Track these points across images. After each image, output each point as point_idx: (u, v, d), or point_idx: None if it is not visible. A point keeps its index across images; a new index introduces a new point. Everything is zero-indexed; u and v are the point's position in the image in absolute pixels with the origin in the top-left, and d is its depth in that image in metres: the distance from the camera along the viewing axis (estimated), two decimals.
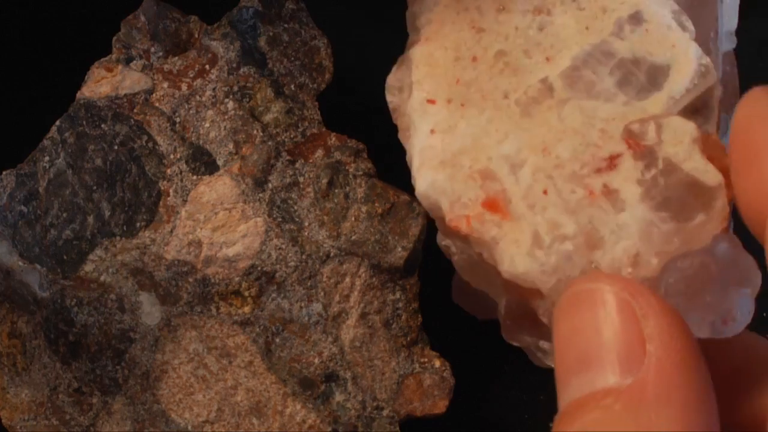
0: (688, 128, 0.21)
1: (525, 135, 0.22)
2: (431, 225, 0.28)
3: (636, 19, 0.22)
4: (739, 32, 0.25)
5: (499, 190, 0.22)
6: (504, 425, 0.31)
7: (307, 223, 0.28)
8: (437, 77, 0.23)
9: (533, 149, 0.22)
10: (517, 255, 0.21)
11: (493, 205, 0.22)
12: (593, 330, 0.19)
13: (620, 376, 0.18)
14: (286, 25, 0.28)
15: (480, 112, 0.22)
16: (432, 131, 0.22)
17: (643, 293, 0.19)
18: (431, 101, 0.23)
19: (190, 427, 0.27)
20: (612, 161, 0.21)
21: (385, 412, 0.28)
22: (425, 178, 0.22)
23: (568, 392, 0.19)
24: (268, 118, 0.28)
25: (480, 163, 0.22)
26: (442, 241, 0.23)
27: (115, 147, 0.27)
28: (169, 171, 0.28)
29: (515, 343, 0.25)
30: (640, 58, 0.22)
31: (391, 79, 0.24)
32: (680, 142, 0.21)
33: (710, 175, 0.21)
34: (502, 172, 0.22)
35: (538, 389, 0.31)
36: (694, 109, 0.22)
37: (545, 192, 0.21)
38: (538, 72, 0.22)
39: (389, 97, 0.24)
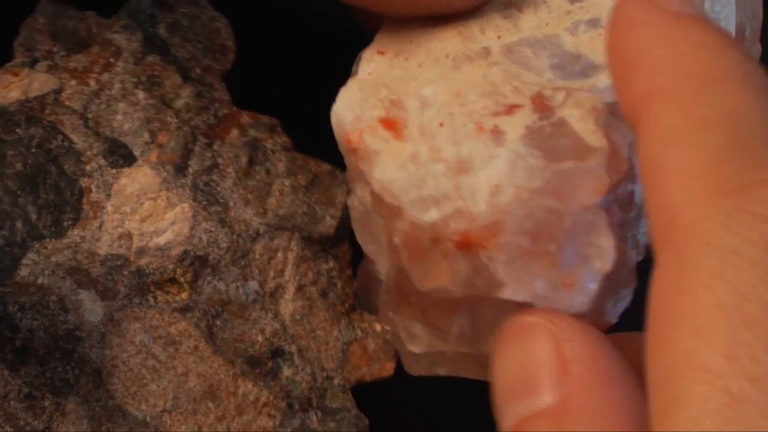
0: (592, 99, 0.28)
1: (446, 82, 0.30)
2: None
3: (593, 22, 0.31)
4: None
5: (401, 117, 0.30)
6: (453, 381, 0.41)
7: (232, 203, 0.37)
8: (395, 37, 0.32)
9: (447, 93, 0.30)
10: (390, 165, 0.29)
11: (389, 123, 0.30)
12: (523, 359, 0.26)
13: (548, 398, 0.25)
14: (183, 10, 0.38)
15: (419, 64, 0.31)
16: (369, 74, 0.32)
17: (565, 318, 0.26)
18: (381, 52, 0.32)
19: (148, 418, 0.36)
20: (511, 109, 0.29)
21: (336, 381, 0.37)
22: (341, 99, 0.31)
23: (505, 420, 0.26)
24: (179, 104, 0.37)
25: (395, 95, 0.31)
26: (349, 200, 0.32)
27: (33, 150, 0.36)
28: (88, 167, 0.37)
29: (386, 326, 0.34)
30: (582, 54, 0.30)
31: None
32: (580, 107, 0.28)
33: (595, 138, 0.27)
34: (412, 105, 0.30)
35: None
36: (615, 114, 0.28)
37: (441, 125, 0.29)
38: (484, 43, 0.31)
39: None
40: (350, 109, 0.31)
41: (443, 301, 0.30)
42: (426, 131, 0.30)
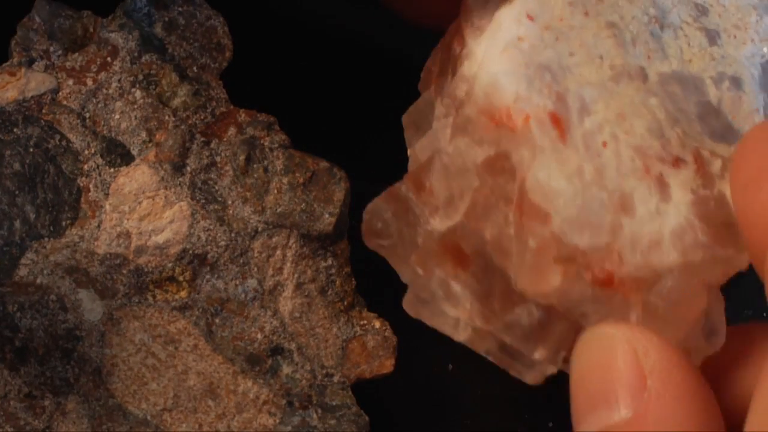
0: None
1: (606, 94, 0.29)
2: (354, 188, 0.38)
3: (737, 82, 0.31)
4: None
5: (566, 117, 0.28)
6: (453, 377, 0.41)
7: (230, 202, 0.37)
8: (543, 5, 0.30)
9: (609, 109, 0.29)
10: (556, 172, 0.28)
11: (557, 121, 0.28)
12: (602, 371, 0.27)
13: (625, 412, 0.26)
14: (180, 9, 0.38)
15: (570, 53, 0.30)
16: (520, 38, 0.29)
17: (644, 332, 0.27)
18: (530, 17, 0.30)
19: (149, 417, 0.36)
20: (677, 162, 0.29)
21: (335, 378, 0.37)
22: (502, 64, 0.29)
23: (582, 429, 0.27)
24: (176, 102, 0.38)
25: (558, 86, 0.29)
26: (428, 139, 0.30)
27: (31, 149, 0.36)
28: (85, 167, 0.37)
29: (418, 269, 0.32)
30: (722, 112, 0.30)
31: None
32: None
33: None
34: (573, 106, 0.29)
35: None
36: None
37: (605, 145, 0.29)
38: (639, 60, 0.30)
39: (472, 3, 0.30)
40: (516, 82, 0.29)
41: (520, 294, 0.30)
42: (590, 146, 0.29)
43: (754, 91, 0.31)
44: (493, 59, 0.29)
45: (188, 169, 0.37)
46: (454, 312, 0.31)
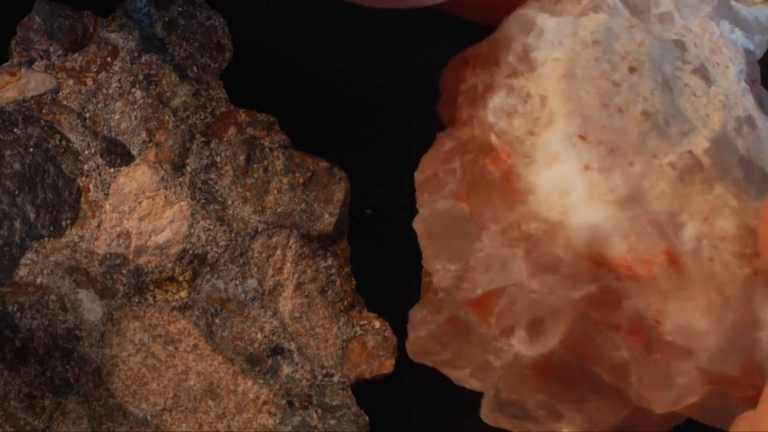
0: None
1: (683, 198, 0.30)
2: (354, 188, 0.38)
3: (751, 123, 0.31)
4: None
5: (670, 245, 0.29)
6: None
7: (230, 202, 0.37)
8: (585, 117, 0.30)
9: (693, 215, 0.30)
10: (692, 312, 0.29)
11: (672, 258, 0.29)
12: None
13: None
14: (180, 9, 0.38)
15: (630, 164, 0.30)
16: (586, 167, 0.30)
17: None
18: (582, 137, 0.30)
19: (149, 417, 0.36)
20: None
21: (335, 378, 0.38)
22: (597, 212, 0.29)
23: None
24: (176, 102, 0.38)
25: (648, 213, 0.29)
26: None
27: (31, 149, 0.36)
28: (86, 167, 0.37)
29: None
30: (753, 159, 0.31)
31: (500, 103, 0.31)
32: None
33: None
34: (670, 229, 0.29)
35: None
36: None
37: (711, 260, 0.29)
38: (682, 144, 0.31)
39: (494, 120, 0.31)
40: (619, 232, 0.30)
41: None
42: (702, 268, 0.30)
43: (762, 119, 0.32)
44: (579, 206, 0.30)
45: (188, 169, 0.37)
46: (566, 428, 0.32)
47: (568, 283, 0.30)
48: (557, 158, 0.30)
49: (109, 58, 0.37)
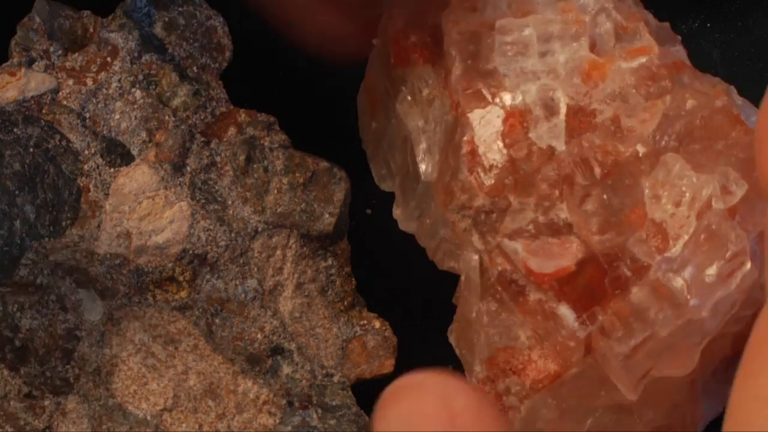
0: None
1: None
2: (354, 188, 0.38)
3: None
4: (740, 32, 0.37)
5: None
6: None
7: (230, 202, 0.37)
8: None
9: None
10: None
11: None
12: (413, 414, 0.27)
13: None
14: (180, 9, 0.38)
15: None
16: None
17: (452, 377, 0.27)
18: None
19: (149, 417, 0.36)
20: None
21: (335, 378, 0.38)
22: None
23: None
24: (176, 102, 0.38)
25: None
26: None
27: (31, 149, 0.36)
28: (86, 167, 0.37)
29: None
30: None
31: None
32: None
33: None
34: None
35: None
36: None
37: None
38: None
39: None
40: None
41: None
42: None
43: None
44: None
45: (188, 169, 0.37)
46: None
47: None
48: None
49: (109, 58, 0.38)
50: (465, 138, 0.32)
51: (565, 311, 0.31)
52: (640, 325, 0.30)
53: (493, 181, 0.32)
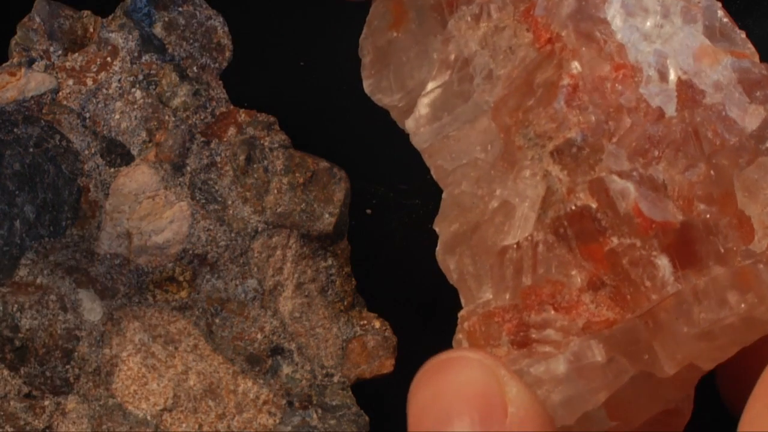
0: None
1: None
2: (354, 188, 0.38)
3: None
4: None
5: None
6: None
7: (230, 201, 0.37)
8: None
9: None
10: None
11: None
12: (455, 389, 0.26)
13: (480, 427, 0.26)
14: (180, 9, 0.38)
15: None
16: None
17: (505, 364, 0.27)
18: None
19: (149, 417, 0.36)
20: None
21: (335, 378, 0.38)
22: None
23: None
24: (176, 102, 0.38)
25: None
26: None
27: (31, 149, 0.36)
28: (86, 167, 0.37)
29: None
30: None
31: None
32: None
33: None
34: None
35: None
36: None
37: None
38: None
39: None
40: None
41: None
42: None
43: None
44: None
45: (188, 169, 0.37)
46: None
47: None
48: None
49: (109, 58, 0.38)
50: (569, 71, 0.32)
51: (665, 262, 0.31)
52: (723, 306, 0.31)
53: (593, 119, 0.32)
